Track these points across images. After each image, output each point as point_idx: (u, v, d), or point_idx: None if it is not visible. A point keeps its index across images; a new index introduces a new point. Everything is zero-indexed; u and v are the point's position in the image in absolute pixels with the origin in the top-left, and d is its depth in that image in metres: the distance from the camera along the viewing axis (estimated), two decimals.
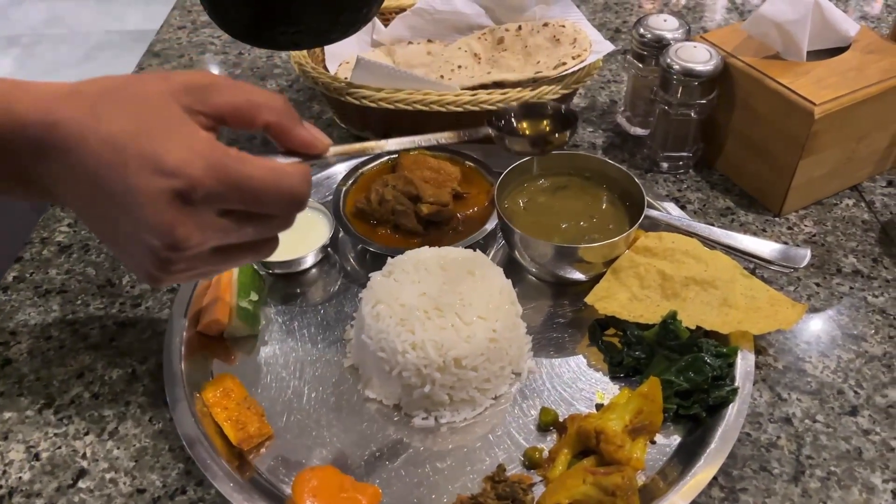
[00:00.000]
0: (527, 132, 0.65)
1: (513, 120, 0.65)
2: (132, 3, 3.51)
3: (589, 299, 0.71)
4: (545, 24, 0.95)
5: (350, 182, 0.83)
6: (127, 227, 0.45)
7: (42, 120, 0.45)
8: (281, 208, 0.47)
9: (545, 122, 0.65)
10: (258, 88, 0.49)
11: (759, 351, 0.70)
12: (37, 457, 0.63)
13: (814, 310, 0.75)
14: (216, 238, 0.46)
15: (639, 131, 0.96)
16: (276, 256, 0.76)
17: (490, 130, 0.62)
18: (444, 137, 0.61)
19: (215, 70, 1.12)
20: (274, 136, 0.49)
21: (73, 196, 0.47)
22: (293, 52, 0.91)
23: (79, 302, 0.76)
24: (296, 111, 0.49)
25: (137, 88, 0.46)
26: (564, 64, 0.87)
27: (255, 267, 0.76)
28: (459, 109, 0.83)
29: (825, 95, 0.77)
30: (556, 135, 0.63)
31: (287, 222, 0.49)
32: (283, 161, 0.49)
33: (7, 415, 0.66)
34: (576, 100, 1.02)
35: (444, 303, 0.64)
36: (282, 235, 0.55)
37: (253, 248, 0.50)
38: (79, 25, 3.43)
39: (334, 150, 0.51)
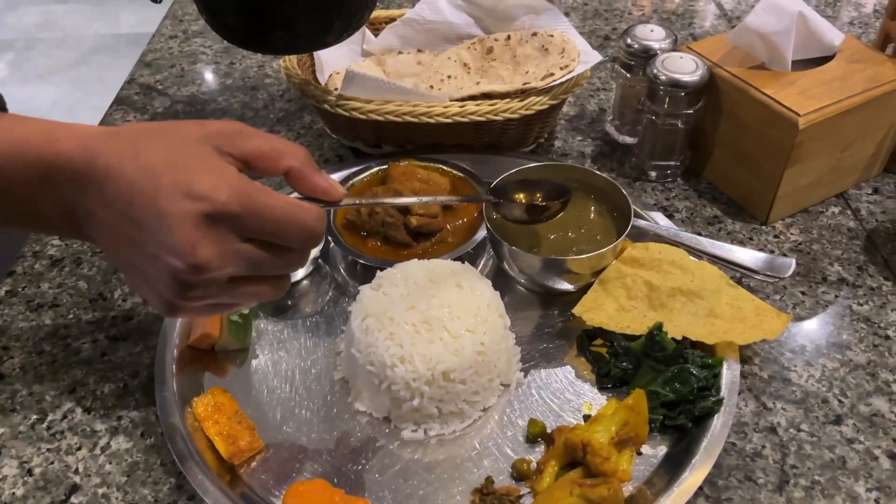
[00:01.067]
0: (523, 201, 0.73)
1: (511, 191, 0.73)
2: (126, 7, 3.51)
3: (577, 311, 0.72)
4: (534, 34, 0.96)
5: None
6: (151, 248, 0.47)
7: (84, 154, 0.48)
8: (298, 241, 0.51)
9: (539, 195, 0.73)
10: (282, 139, 0.53)
11: (744, 360, 0.71)
12: (30, 472, 0.64)
13: (799, 318, 0.76)
14: (235, 264, 0.49)
15: (627, 140, 0.97)
16: None
17: (490, 198, 0.73)
18: (445, 200, 0.78)
19: (208, 78, 1.13)
20: (293, 182, 0.53)
21: (101, 227, 0.49)
22: (283, 64, 0.92)
23: (71, 316, 0.77)
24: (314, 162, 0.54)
25: (175, 130, 0.50)
26: (552, 75, 0.88)
27: None
28: (448, 121, 0.84)
29: (810, 106, 0.77)
30: (550, 205, 0.72)
31: (302, 259, 0.53)
32: None
33: (0, 430, 0.67)
34: (565, 108, 1.03)
35: (433, 316, 0.65)
36: None
37: (267, 283, 0.53)
38: (73, 29, 3.43)
39: (347, 200, 0.55)
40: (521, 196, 0.73)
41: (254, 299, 0.53)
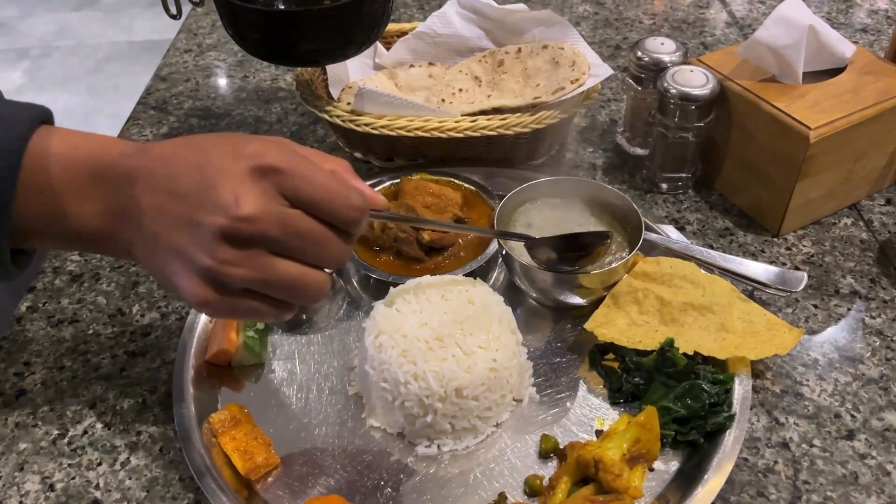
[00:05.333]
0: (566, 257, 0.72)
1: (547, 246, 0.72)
2: (140, 15, 3.55)
3: (588, 326, 0.72)
4: (544, 47, 0.97)
5: None
6: (195, 216, 0.47)
7: (138, 151, 0.51)
8: (342, 215, 0.50)
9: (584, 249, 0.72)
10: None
11: (756, 374, 0.71)
12: (51, 487, 0.65)
13: (811, 332, 0.76)
14: (278, 227, 0.48)
15: (638, 151, 0.97)
16: None
17: (524, 237, 0.74)
18: (479, 231, 0.81)
19: (223, 92, 1.14)
20: None
21: (143, 218, 0.50)
22: (297, 80, 0.93)
23: (90, 331, 0.78)
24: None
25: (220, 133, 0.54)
26: (563, 88, 0.89)
27: None
28: (460, 136, 0.85)
29: (821, 119, 0.77)
30: (588, 251, 0.72)
31: (344, 252, 0.51)
32: None
33: (22, 445, 0.68)
34: (576, 119, 1.03)
35: (445, 333, 0.66)
36: None
37: (307, 271, 0.50)
38: (87, 37, 3.47)
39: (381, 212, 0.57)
40: (555, 253, 0.72)
41: (292, 289, 0.50)
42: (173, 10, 0.94)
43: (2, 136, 0.49)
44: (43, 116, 0.53)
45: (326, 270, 0.52)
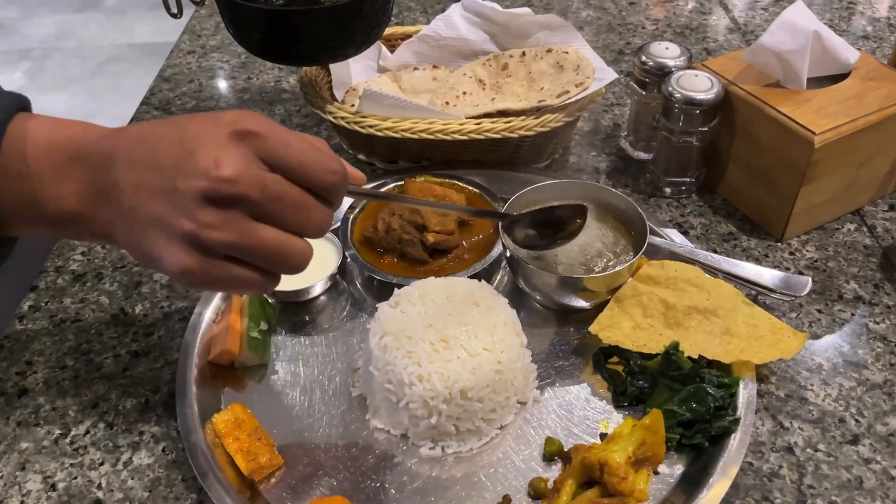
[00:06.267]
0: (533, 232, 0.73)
1: (523, 223, 0.73)
2: (141, 17, 3.55)
3: (593, 329, 0.72)
4: (549, 51, 0.97)
5: (357, 210, 0.85)
6: (176, 183, 0.47)
7: (117, 131, 0.52)
8: (321, 178, 0.49)
9: (551, 224, 0.73)
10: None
11: (761, 379, 0.71)
12: (53, 487, 0.65)
13: (815, 337, 0.76)
14: (258, 189, 0.47)
15: (642, 156, 0.97)
16: (285, 285, 0.78)
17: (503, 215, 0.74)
18: (458, 209, 0.77)
19: (226, 93, 1.14)
20: None
21: (123, 194, 0.49)
22: (301, 81, 0.93)
23: (93, 331, 0.78)
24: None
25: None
26: (568, 92, 0.89)
27: (265, 295, 0.77)
28: (464, 138, 0.85)
29: (825, 124, 0.78)
30: (565, 227, 0.73)
31: (324, 219, 0.50)
32: None
33: (24, 445, 0.68)
34: (579, 123, 1.04)
35: (450, 334, 0.66)
36: None
37: (289, 239, 0.49)
38: (88, 39, 3.47)
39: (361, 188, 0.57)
40: (533, 230, 0.73)
41: (274, 255, 0.49)
42: (174, 10, 0.94)
43: None
44: (20, 104, 0.53)
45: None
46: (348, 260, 0.81)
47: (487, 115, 0.90)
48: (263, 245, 0.48)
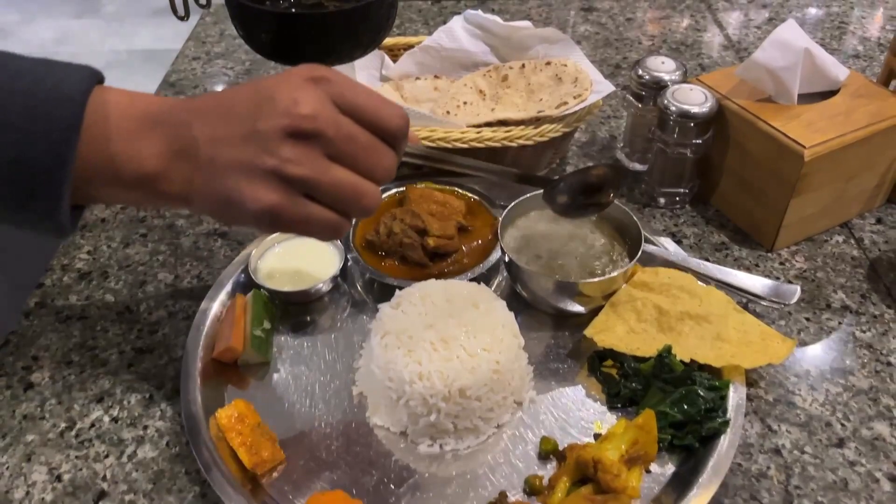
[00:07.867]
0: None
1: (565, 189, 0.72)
2: (141, 24, 3.57)
3: (588, 332, 0.74)
4: (548, 63, 0.99)
5: None
6: (257, 126, 0.50)
7: (190, 100, 0.54)
8: (387, 123, 0.52)
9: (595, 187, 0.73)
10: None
11: (750, 383, 0.73)
12: (59, 478, 0.66)
13: (804, 344, 0.78)
14: (333, 128, 0.50)
15: (637, 167, 1.00)
16: (288, 286, 0.80)
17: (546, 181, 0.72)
18: (499, 170, 0.68)
19: None
20: None
21: (203, 147, 0.52)
22: None
23: (98, 328, 0.79)
24: None
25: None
26: (566, 104, 0.91)
27: (268, 296, 0.79)
28: (465, 146, 0.87)
29: (815, 139, 0.80)
30: (604, 192, 0.73)
31: (392, 162, 0.54)
32: None
33: (30, 437, 0.69)
34: (577, 135, 1.06)
35: (450, 335, 0.67)
36: (294, 266, 0.64)
37: (360, 182, 0.52)
38: (88, 45, 3.49)
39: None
40: (569, 197, 0.73)
41: (349, 194, 0.52)
42: (181, 13, 0.96)
43: (66, 88, 0.52)
44: (99, 76, 0.55)
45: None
46: (350, 262, 0.83)
47: (487, 125, 0.92)
48: (339, 183, 0.52)
